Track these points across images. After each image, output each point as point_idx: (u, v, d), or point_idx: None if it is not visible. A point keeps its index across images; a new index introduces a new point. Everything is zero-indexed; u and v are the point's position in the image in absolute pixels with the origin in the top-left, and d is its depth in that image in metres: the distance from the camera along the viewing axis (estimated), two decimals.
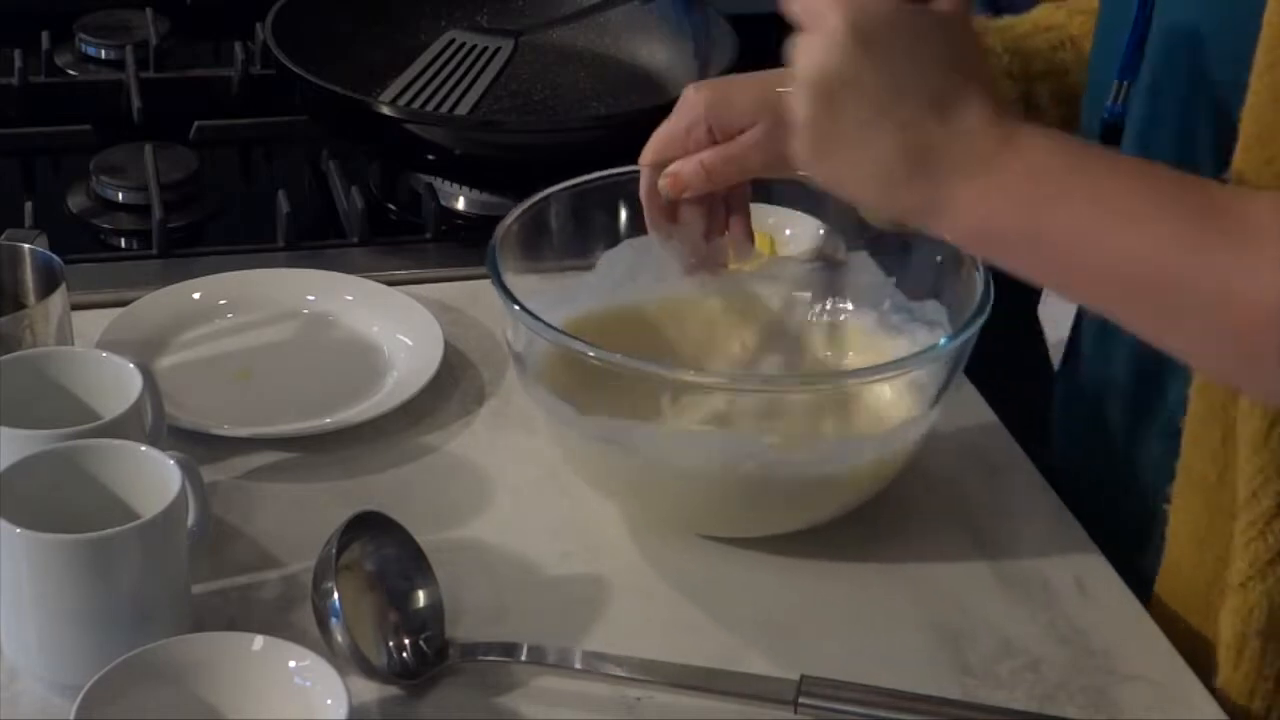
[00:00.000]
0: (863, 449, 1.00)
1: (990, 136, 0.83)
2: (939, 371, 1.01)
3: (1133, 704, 0.94)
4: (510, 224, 1.07)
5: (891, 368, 1.02)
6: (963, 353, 1.00)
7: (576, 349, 0.98)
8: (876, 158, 0.84)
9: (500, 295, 1.01)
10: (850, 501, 1.02)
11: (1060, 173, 0.83)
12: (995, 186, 0.83)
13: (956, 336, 0.99)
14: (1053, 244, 0.83)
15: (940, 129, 0.83)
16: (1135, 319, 0.84)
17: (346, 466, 1.09)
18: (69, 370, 1.00)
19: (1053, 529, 1.06)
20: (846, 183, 0.88)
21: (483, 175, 1.39)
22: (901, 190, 0.85)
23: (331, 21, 1.49)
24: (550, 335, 0.99)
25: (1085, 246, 0.82)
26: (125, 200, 1.40)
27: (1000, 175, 0.83)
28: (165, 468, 0.91)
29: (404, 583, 0.95)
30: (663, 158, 1.04)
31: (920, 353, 1.01)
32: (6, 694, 0.91)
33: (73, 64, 1.61)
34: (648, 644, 0.95)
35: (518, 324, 1.01)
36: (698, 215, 1.06)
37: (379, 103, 1.37)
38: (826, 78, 0.83)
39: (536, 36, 1.51)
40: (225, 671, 0.84)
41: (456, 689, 0.92)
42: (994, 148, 0.83)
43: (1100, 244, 0.81)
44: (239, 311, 1.22)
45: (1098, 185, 0.82)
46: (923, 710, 0.90)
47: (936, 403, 1.02)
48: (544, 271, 1.09)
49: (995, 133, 0.83)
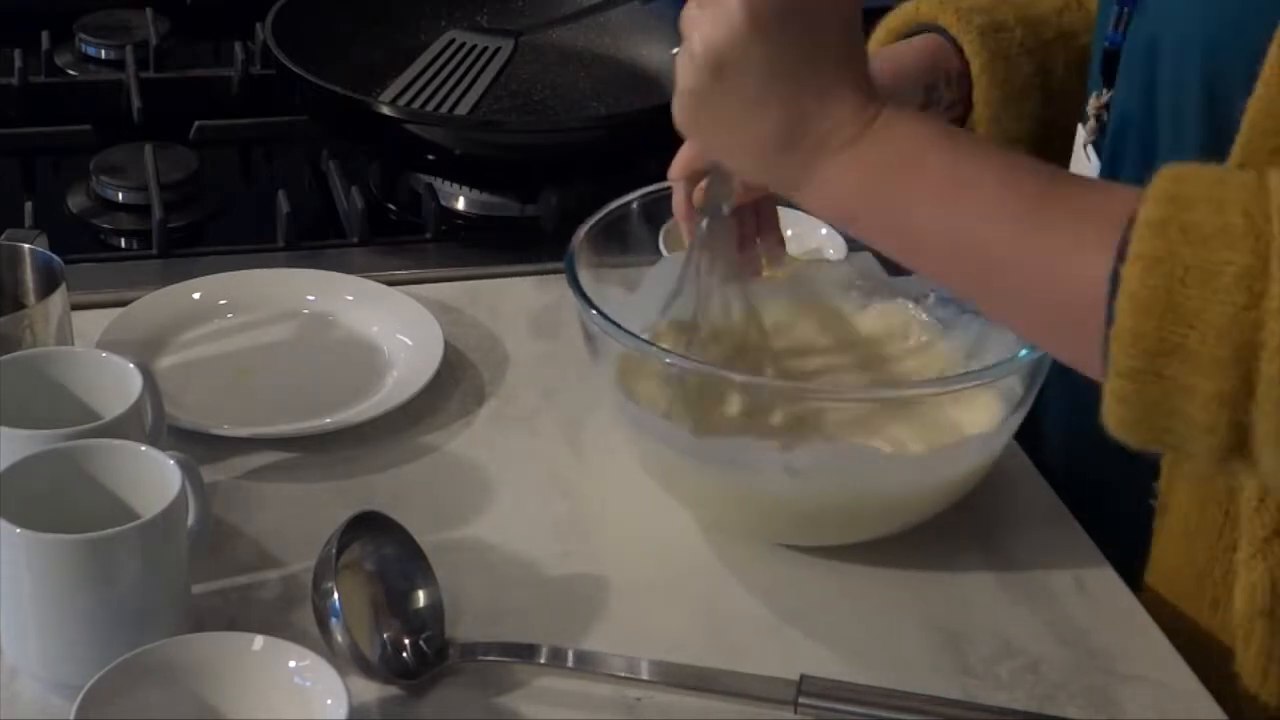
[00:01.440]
0: (958, 459, 1.00)
1: (859, 119, 0.86)
2: (1026, 374, 1.00)
3: (1133, 704, 0.94)
4: (586, 231, 1.07)
5: (982, 375, 1.01)
6: (1048, 358, 0.99)
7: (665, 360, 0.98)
8: (753, 132, 0.88)
9: (580, 303, 1.01)
10: (933, 512, 1.02)
11: (915, 156, 0.86)
12: (854, 166, 0.86)
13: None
14: (901, 224, 0.87)
15: (818, 113, 0.86)
16: (980, 299, 0.88)
17: (346, 466, 1.09)
18: (69, 370, 1.00)
19: (1053, 529, 1.06)
20: (720, 151, 0.92)
21: (483, 175, 1.39)
22: (772, 163, 0.89)
23: (331, 21, 1.49)
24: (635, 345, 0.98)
25: (930, 231, 0.85)
26: (125, 200, 1.40)
27: (860, 156, 0.86)
28: (165, 468, 0.91)
29: (404, 583, 0.95)
30: (693, 171, 1.04)
31: (1008, 360, 1.00)
32: (6, 693, 0.91)
33: (73, 64, 1.61)
34: (648, 644, 0.95)
35: (601, 334, 1.00)
36: (730, 226, 1.06)
37: (379, 103, 1.37)
38: (717, 53, 0.86)
39: (536, 36, 1.51)
40: (225, 671, 0.84)
41: (456, 689, 0.92)
42: (859, 130, 0.86)
43: (944, 230, 0.84)
44: (239, 311, 1.22)
45: (948, 172, 0.85)
46: (923, 710, 0.90)
47: (1020, 406, 1.01)
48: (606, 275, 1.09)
49: (863, 116, 0.86)
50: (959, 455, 1.00)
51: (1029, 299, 0.83)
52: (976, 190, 0.83)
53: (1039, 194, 0.82)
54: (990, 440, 1.01)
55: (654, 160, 1.07)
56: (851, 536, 1.02)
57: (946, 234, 0.84)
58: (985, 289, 0.86)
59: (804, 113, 0.86)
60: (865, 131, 0.86)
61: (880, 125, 0.86)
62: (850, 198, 0.88)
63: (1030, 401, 1.01)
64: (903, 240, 0.88)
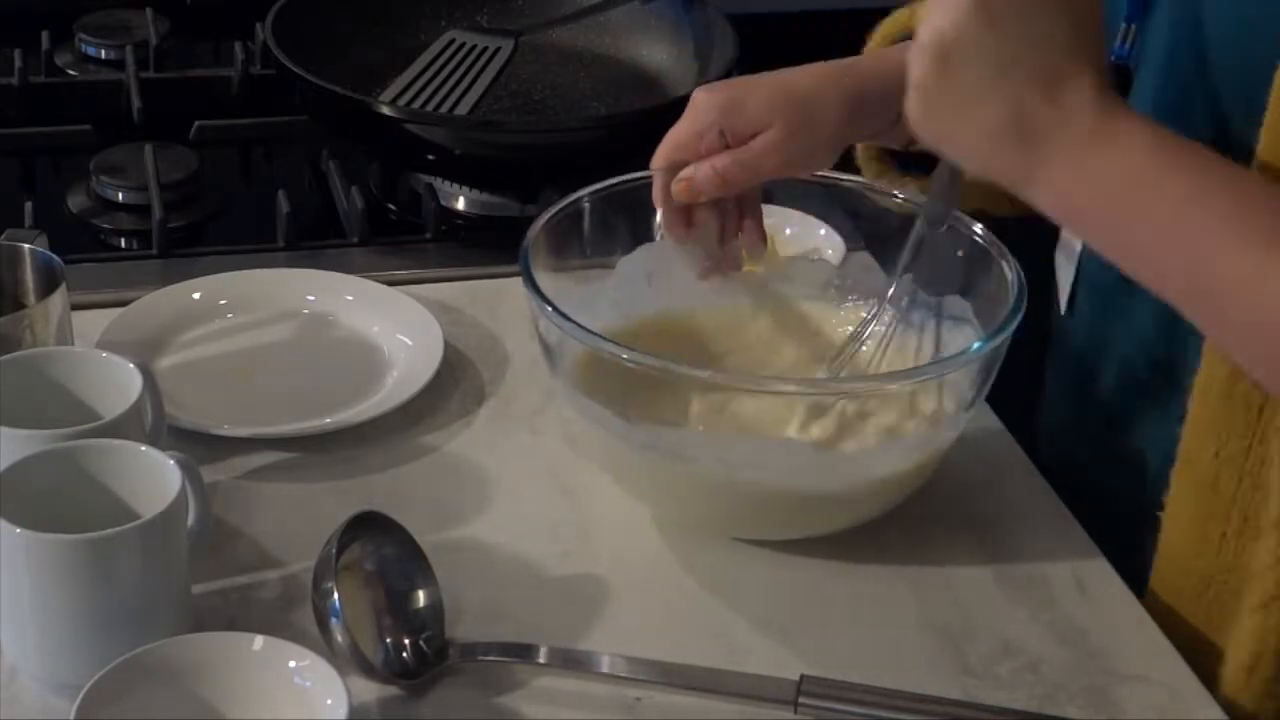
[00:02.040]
0: (907, 451, 1.00)
1: (1091, 118, 0.84)
2: (975, 373, 1.00)
3: (1133, 704, 0.94)
4: (541, 226, 1.07)
5: (929, 370, 1.02)
6: (998, 354, 1.00)
7: (614, 354, 0.97)
8: (982, 124, 0.86)
9: (533, 297, 1.01)
10: (886, 505, 1.02)
11: (1151, 170, 0.84)
12: (1087, 169, 0.84)
13: (991, 339, 0.99)
14: (1129, 236, 0.85)
15: (1046, 104, 0.84)
16: (1198, 319, 0.85)
17: (346, 466, 1.09)
18: (69, 370, 1.00)
19: (1053, 529, 1.06)
20: (949, 143, 0.90)
21: (483, 175, 1.39)
22: (1001, 158, 0.87)
23: (331, 21, 1.49)
24: (589, 340, 0.98)
25: (1160, 249, 0.84)
26: (125, 200, 1.40)
27: (1094, 159, 0.84)
28: (165, 468, 0.91)
29: (404, 583, 0.95)
30: (675, 162, 1.04)
31: (957, 355, 1.01)
32: (6, 694, 0.91)
33: (73, 64, 1.61)
34: (648, 644, 0.95)
35: (550, 326, 1.00)
36: (711, 218, 1.06)
37: (379, 103, 1.37)
38: (946, 42, 0.85)
39: (536, 36, 1.51)
40: (225, 671, 0.84)
41: (456, 689, 0.92)
42: (1093, 131, 0.84)
43: (1174, 250, 0.83)
44: (239, 311, 1.22)
45: (1183, 188, 0.83)
46: (923, 710, 0.90)
47: (973, 404, 1.01)
48: (570, 269, 1.09)
49: (1097, 115, 0.84)
50: (899, 450, 1.00)
51: (1257, 327, 0.81)
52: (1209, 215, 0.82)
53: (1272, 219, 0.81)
54: (933, 435, 1.01)
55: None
56: (801, 530, 1.02)
57: (1181, 264, 0.83)
58: (1220, 320, 0.84)
59: (1033, 106, 0.84)
60: (1099, 134, 0.84)
61: (1117, 133, 0.84)
62: (1080, 206, 0.86)
63: (980, 399, 1.01)
64: (1124, 254, 0.86)
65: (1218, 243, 0.81)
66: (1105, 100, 0.85)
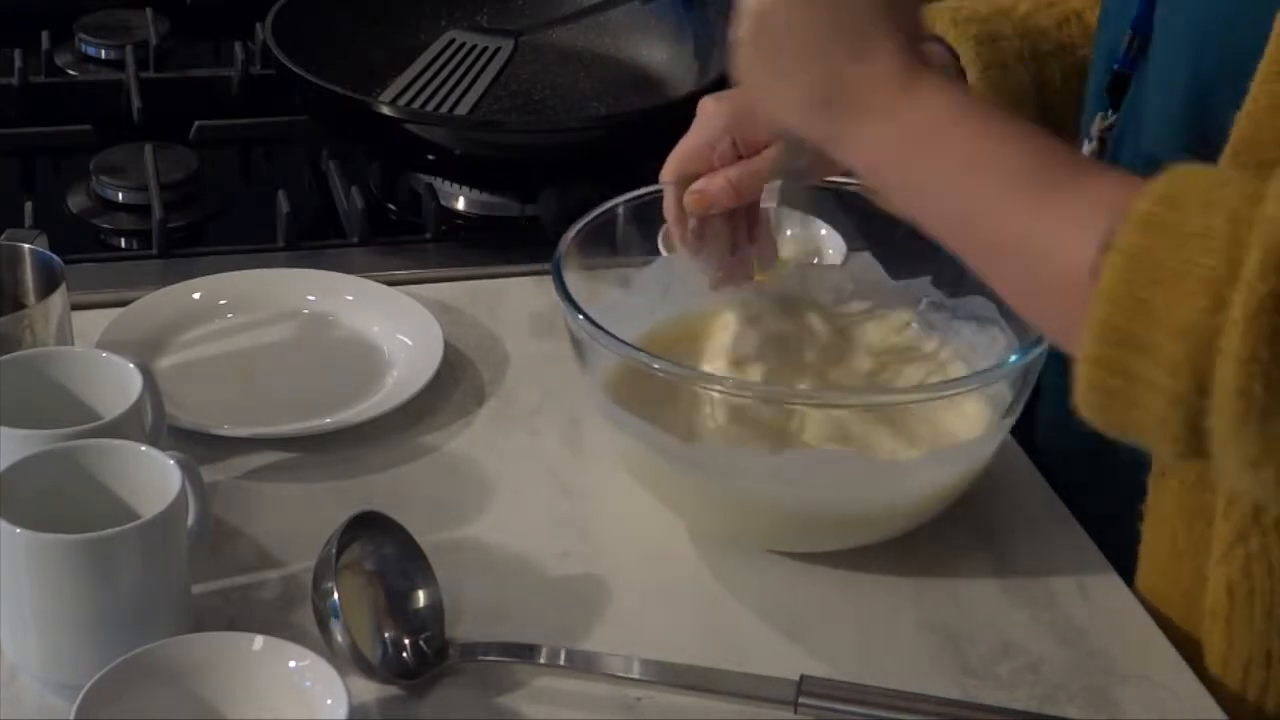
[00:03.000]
0: (945, 466, 1.00)
1: (895, 83, 0.87)
2: (1016, 381, 1.00)
3: (1133, 704, 0.94)
4: (574, 236, 1.07)
5: (970, 382, 1.01)
6: (1039, 361, 0.99)
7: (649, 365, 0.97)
8: (798, 86, 0.90)
9: (566, 307, 1.00)
10: (923, 519, 1.02)
11: (943, 126, 0.87)
12: (886, 131, 0.88)
13: (1032, 348, 0.98)
14: (921, 193, 0.88)
15: (855, 69, 0.88)
16: (989, 274, 0.87)
17: (346, 466, 1.09)
18: (69, 370, 1.00)
19: (1053, 529, 1.06)
20: (770, 104, 0.94)
21: (483, 175, 1.39)
22: (814, 119, 0.90)
23: (331, 21, 1.49)
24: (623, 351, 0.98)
25: (945, 199, 0.87)
26: (125, 200, 1.40)
27: (893, 121, 0.87)
28: (165, 468, 0.91)
29: (404, 583, 0.95)
30: (686, 173, 1.03)
31: (997, 366, 1.00)
32: (6, 694, 0.91)
33: (73, 64, 1.61)
34: (648, 644, 0.95)
35: (585, 339, 1.00)
36: (722, 229, 1.06)
37: (379, 103, 1.37)
38: (766, 7, 0.89)
39: (536, 36, 1.51)
40: (225, 671, 0.84)
41: (456, 689, 0.92)
42: (895, 94, 0.87)
43: (957, 199, 0.86)
44: (239, 311, 1.22)
45: (968, 143, 0.86)
46: (923, 710, 0.90)
47: (1009, 413, 1.01)
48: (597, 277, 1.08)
49: (900, 81, 0.87)
50: (947, 461, 1.00)
51: (1028, 279, 0.84)
52: (995, 169, 0.84)
53: (1043, 167, 0.83)
54: (979, 446, 1.01)
55: (654, 160, 1.07)
56: (842, 543, 1.02)
57: (961, 208, 0.86)
58: (990, 266, 0.86)
59: (841, 67, 0.88)
60: (900, 98, 0.87)
61: (915, 94, 0.87)
62: (878, 165, 0.89)
63: (1020, 407, 1.01)
64: (922, 213, 0.89)
65: (997, 195, 0.84)
66: (908, 67, 0.87)
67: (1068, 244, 0.80)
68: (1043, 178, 0.83)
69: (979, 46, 1.11)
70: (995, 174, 0.84)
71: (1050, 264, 0.81)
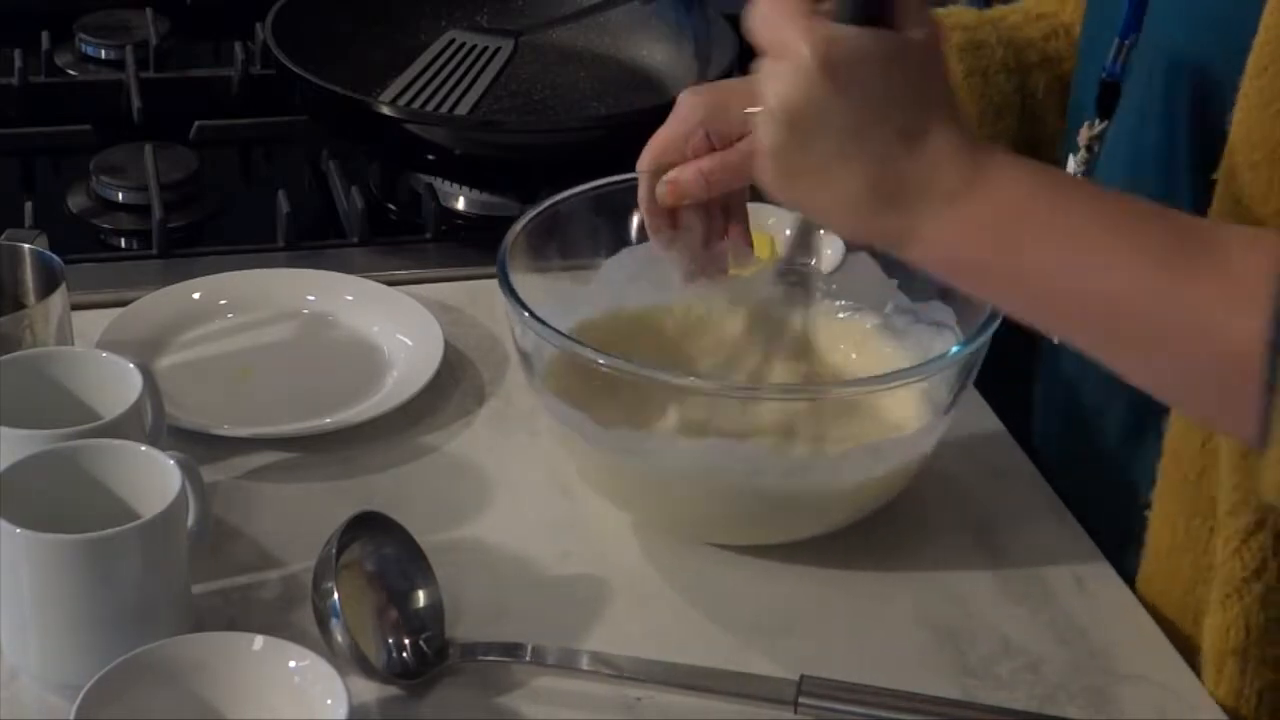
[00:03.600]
0: (877, 459, 1.00)
1: (959, 166, 0.82)
2: (952, 379, 1.00)
3: (1133, 704, 0.94)
4: (521, 228, 1.07)
5: (904, 375, 1.01)
6: (976, 359, 1.00)
7: (587, 356, 0.97)
8: (845, 189, 0.84)
9: (509, 301, 1.01)
10: (860, 511, 1.02)
11: (1033, 206, 0.82)
12: (965, 219, 0.82)
13: (969, 344, 0.98)
14: (1026, 280, 0.83)
15: (908, 161, 0.82)
16: (1115, 356, 0.84)
17: (346, 466, 1.09)
18: (69, 370, 1.00)
19: (1053, 529, 1.06)
20: (815, 210, 0.88)
21: (483, 175, 1.39)
22: (871, 222, 0.85)
23: (331, 21, 1.49)
24: (560, 342, 0.98)
25: (1059, 284, 0.82)
26: (125, 200, 1.40)
27: (970, 208, 0.82)
28: (165, 468, 0.91)
29: (404, 583, 0.95)
30: (661, 164, 1.03)
31: (932, 360, 1.01)
32: (6, 694, 0.91)
33: (73, 64, 1.61)
34: (648, 644, 0.95)
35: (526, 329, 1.00)
36: (697, 221, 1.06)
37: (379, 103, 1.37)
38: (795, 109, 0.82)
39: (536, 36, 1.51)
40: (225, 671, 0.84)
41: (456, 689, 0.92)
42: (963, 178, 0.82)
43: (1075, 281, 0.81)
44: (239, 311, 1.22)
45: (1072, 219, 0.81)
46: (923, 710, 0.90)
47: (949, 410, 1.01)
48: (550, 272, 1.08)
49: (964, 162, 0.82)
50: (880, 454, 1.00)
51: (1171, 355, 0.80)
52: (1105, 248, 0.80)
53: (1169, 239, 0.79)
54: (914, 441, 1.01)
55: None
56: (773, 537, 1.02)
57: (1077, 295, 0.81)
58: (1117, 343, 0.82)
59: (895, 165, 0.82)
60: (971, 181, 0.82)
61: (986, 175, 0.82)
62: (962, 256, 0.84)
63: (955, 406, 1.01)
64: (1025, 301, 0.84)
65: (1125, 273, 0.79)
66: (969, 146, 0.83)
67: (1225, 316, 0.77)
68: (1172, 248, 0.79)
69: (961, 53, 1.11)
70: (1109, 250, 0.80)
71: (1207, 340, 0.77)
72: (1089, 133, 1.03)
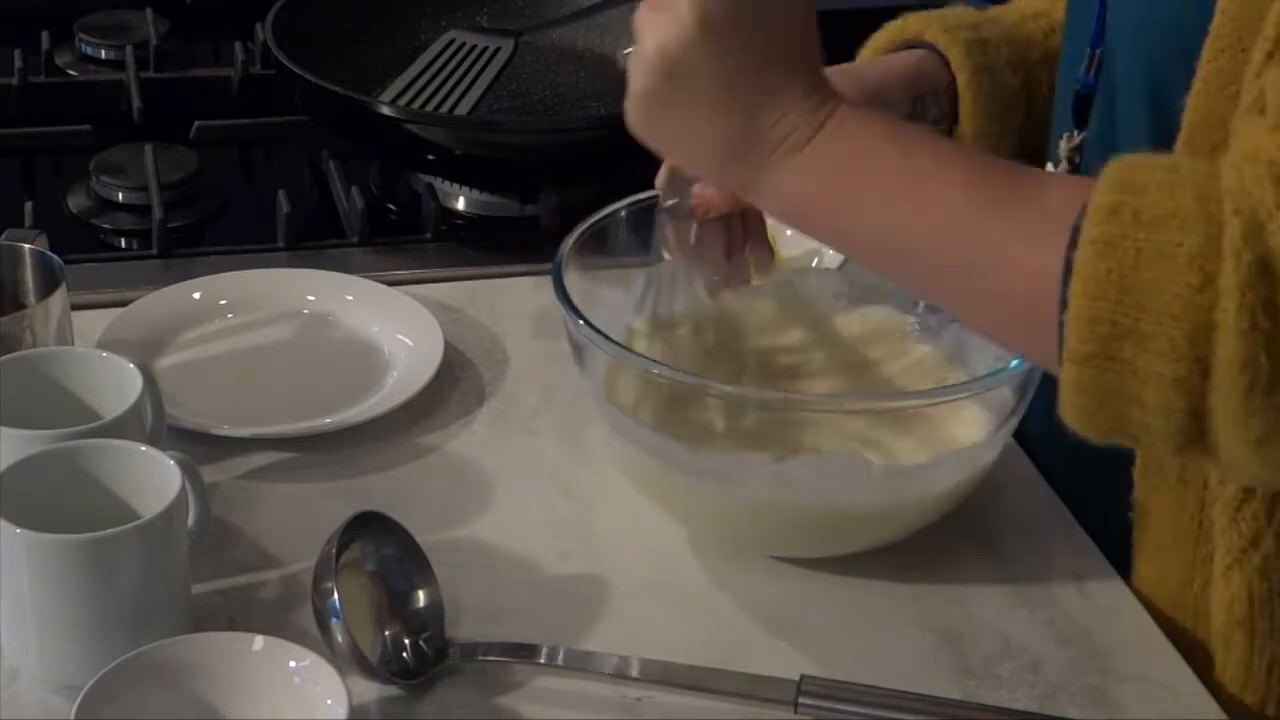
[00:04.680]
0: (958, 465, 1.00)
1: (812, 120, 0.86)
2: (1015, 390, 0.99)
3: (1133, 704, 0.94)
4: (574, 241, 1.07)
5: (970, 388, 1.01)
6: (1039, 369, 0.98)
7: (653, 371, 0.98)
8: (706, 135, 0.87)
9: (567, 314, 1.00)
10: (925, 522, 1.02)
11: (866, 158, 0.85)
12: (803, 170, 0.86)
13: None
14: (855, 225, 0.86)
15: (767, 112, 0.86)
16: (938, 296, 0.87)
17: (346, 466, 1.09)
18: (69, 370, 1.00)
19: (1053, 529, 1.06)
20: (675, 153, 0.93)
21: (483, 175, 1.39)
22: (726, 166, 0.88)
23: (331, 21, 1.49)
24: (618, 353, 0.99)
25: (882, 228, 0.85)
26: (125, 200, 1.40)
27: (809, 159, 0.86)
28: (165, 468, 0.91)
29: (404, 583, 0.95)
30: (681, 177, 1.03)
31: (996, 372, 0.99)
32: (6, 694, 0.91)
33: (73, 64, 1.61)
34: (648, 644, 0.95)
35: (584, 342, 1.00)
36: (718, 234, 1.06)
37: (379, 103, 1.37)
38: (668, 59, 0.86)
39: (536, 36, 1.51)
40: (225, 671, 0.84)
41: (456, 689, 0.92)
42: (812, 133, 0.86)
43: (893, 222, 0.84)
44: (239, 311, 1.22)
45: (902, 167, 0.84)
46: (923, 710, 0.90)
47: (1010, 418, 1.01)
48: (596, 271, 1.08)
49: (815, 118, 0.86)
50: (948, 466, 1.00)
51: (983, 291, 0.82)
52: (928, 185, 0.83)
53: (992, 183, 0.82)
54: (980, 451, 1.01)
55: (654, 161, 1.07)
56: (842, 548, 1.02)
57: (898, 231, 0.84)
58: (939, 285, 0.85)
59: (756, 115, 0.86)
60: (818, 135, 0.85)
61: (833, 124, 0.86)
62: (804, 199, 0.87)
63: (1021, 411, 1.01)
64: (857, 246, 0.88)
65: (938, 212, 0.82)
66: (820, 100, 0.86)
67: (1026, 248, 0.79)
68: (984, 188, 0.82)
69: (969, 50, 1.11)
70: (933, 192, 0.83)
71: (1010, 272, 0.80)
72: (1068, 144, 1.03)
